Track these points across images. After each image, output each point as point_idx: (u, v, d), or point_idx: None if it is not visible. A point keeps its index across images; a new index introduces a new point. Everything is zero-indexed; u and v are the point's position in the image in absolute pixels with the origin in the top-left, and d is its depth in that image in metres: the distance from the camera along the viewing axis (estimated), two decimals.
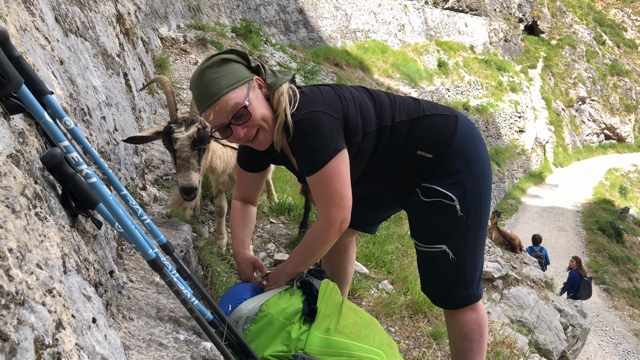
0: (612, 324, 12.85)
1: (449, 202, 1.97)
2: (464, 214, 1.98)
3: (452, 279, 2.09)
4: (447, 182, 1.97)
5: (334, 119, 1.82)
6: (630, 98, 36.15)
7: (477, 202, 2.00)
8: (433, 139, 1.96)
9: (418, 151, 1.96)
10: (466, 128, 2.03)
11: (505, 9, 35.54)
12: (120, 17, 4.47)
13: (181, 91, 6.35)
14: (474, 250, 2.06)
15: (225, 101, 1.75)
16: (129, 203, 1.56)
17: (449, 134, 1.97)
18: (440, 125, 1.98)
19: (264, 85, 1.87)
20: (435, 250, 2.05)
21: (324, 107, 1.83)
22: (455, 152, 1.97)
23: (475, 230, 2.04)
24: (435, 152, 1.96)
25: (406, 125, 1.97)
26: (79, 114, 2.20)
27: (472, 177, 1.98)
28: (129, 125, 3.35)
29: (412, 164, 1.99)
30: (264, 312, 1.94)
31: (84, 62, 2.76)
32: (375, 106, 1.97)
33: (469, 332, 2.15)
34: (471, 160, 1.99)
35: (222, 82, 1.75)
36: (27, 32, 1.69)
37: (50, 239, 1.12)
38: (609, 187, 26.47)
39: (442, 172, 1.97)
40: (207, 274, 2.73)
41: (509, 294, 7.60)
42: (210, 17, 12.04)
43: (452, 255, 2.02)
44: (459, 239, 2.02)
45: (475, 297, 2.12)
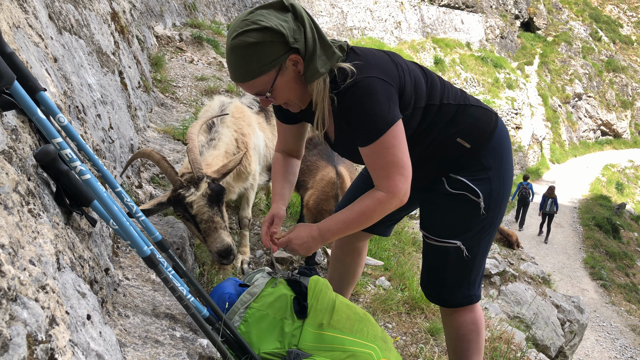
0: (609, 320, 12.89)
1: (474, 197, 1.92)
2: (485, 212, 1.93)
3: (459, 277, 2.04)
4: (476, 177, 1.92)
5: (391, 86, 1.70)
6: (627, 94, 36.21)
7: (499, 202, 1.97)
8: (475, 129, 1.91)
9: (458, 138, 1.90)
10: (503, 128, 2.00)
11: (501, 6, 35.55)
12: (115, 15, 4.46)
13: (177, 89, 6.33)
14: (485, 250, 2.03)
15: (249, 86, 1.70)
16: (123, 200, 1.56)
17: (490, 128, 1.94)
18: (484, 118, 1.94)
19: (300, 60, 1.69)
20: (448, 245, 1.98)
21: (381, 73, 1.70)
22: (492, 147, 1.93)
23: (490, 230, 2.00)
24: (474, 142, 1.90)
25: (452, 109, 1.90)
26: (73, 111, 2.19)
27: (500, 176, 1.95)
28: (125, 123, 3.34)
29: (448, 150, 1.92)
30: (253, 309, 1.93)
31: (79, 60, 2.75)
32: (427, 82, 1.88)
33: (466, 333, 2.13)
34: (503, 159, 1.96)
35: (249, 67, 1.63)
36: (20, 29, 1.68)
37: (43, 235, 1.11)
38: (606, 183, 26.51)
39: (474, 165, 1.92)
40: (204, 271, 2.73)
41: (506, 290, 7.61)
42: (206, 15, 12.01)
43: (466, 252, 1.97)
44: (475, 236, 1.97)
45: (476, 297, 2.09)
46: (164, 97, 5.86)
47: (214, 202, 2.27)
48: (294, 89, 1.75)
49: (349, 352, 1.91)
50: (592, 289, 14.50)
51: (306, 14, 1.68)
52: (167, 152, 3.93)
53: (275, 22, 1.59)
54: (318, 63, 1.66)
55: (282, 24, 1.60)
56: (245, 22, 1.60)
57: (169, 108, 5.55)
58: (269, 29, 1.58)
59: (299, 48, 1.65)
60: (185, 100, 6.05)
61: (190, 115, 5.29)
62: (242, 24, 1.60)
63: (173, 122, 5.00)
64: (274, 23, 1.59)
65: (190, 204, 2.20)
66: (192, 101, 6.10)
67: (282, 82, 1.70)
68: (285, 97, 1.77)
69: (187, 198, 2.21)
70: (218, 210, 2.29)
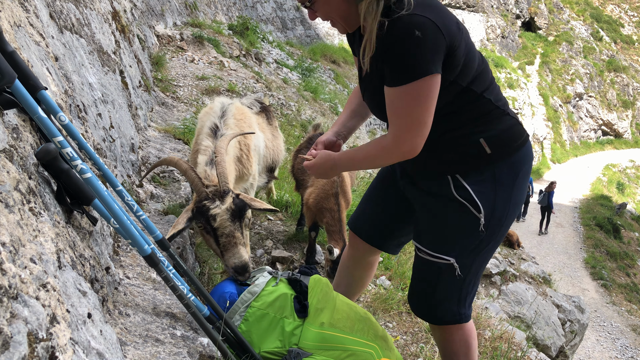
0: (610, 320, 12.88)
1: (475, 211, 1.79)
2: (484, 230, 1.81)
3: (447, 294, 1.93)
4: (482, 188, 1.79)
5: (443, 37, 1.54)
6: (628, 94, 36.19)
7: (501, 223, 1.84)
8: (503, 137, 1.79)
9: (481, 139, 1.77)
10: (530, 152, 1.89)
11: (502, 6, 35.54)
12: (116, 15, 4.46)
13: (178, 89, 6.33)
14: (478, 268, 1.92)
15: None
16: (124, 199, 1.56)
17: (518, 143, 1.82)
18: (515, 131, 1.82)
19: None
20: (440, 261, 1.87)
21: (438, 19, 1.55)
22: (511, 163, 1.81)
23: (486, 250, 1.88)
24: (496, 150, 1.78)
25: (490, 107, 1.77)
26: (74, 110, 2.19)
27: (508, 196, 1.82)
28: (125, 122, 3.34)
29: (467, 146, 1.79)
30: (254, 308, 1.93)
31: (80, 59, 2.75)
32: (479, 66, 1.73)
33: (455, 349, 2.05)
34: (517, 180, 1.83)
35: None
36: (22, 28, 1.69)
37: (44, 234, 1.11)
38: (607, 183, 26.51)
39: (486, 174, 1.80)
40: (205, 270, 2.73)
41: (507, 290, 7.61)
42: (207, 14, 12.01)
43: (458, 270, 1.85)
44: (470, 254, 1.86)
45: (465, 317, 1.97)
46: (165, 96, 5.87)
47: (236, 217, 2.25)
48: (337, 6, 1.64)
49: (350, 351, 1.91)
50: (593, 288, 14.50)
51: None
52: (168, 152, 3.93)
53: None
54: None
55: None
56: None
57: (170, 107, 5.55)
58: None
59: None
60: (186, 100, 6.06)
61: (191, 115, 5.30)
62: None
63: (174, 122, 5.00)
64: None
65: (213, 217, 2.19)
66: (193, 100, 6.10)
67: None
68: (326, 12, 1.67)
69: (211, 210, 2.20)
70: (239, 226, 2.27)
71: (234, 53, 9.12)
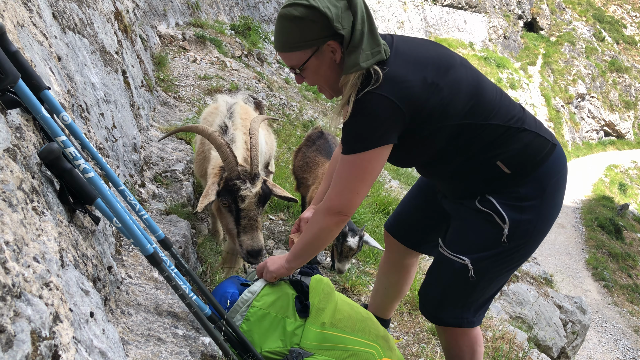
0: (611, 321, 12.87)
1: (499, 221, 1.79)
2: (507, 241, 1.80)
3: (456, 295, 1.94)
4: (509, 203, 1.79)
5: (399, 110, 1.63)
6: (630, 95, 36.14)
7: (527, 236, 1.82)
8: (521, 155, 1.77)
9: (498, 161, 1.77)
10: (559, 161, 1.84)
11: (504, 6, 35.50)
12: (119, 15, 4.47)
13: (180, 89, 6.34)
14: (494, 278, 1.90)
15: (285, 57, 1.72)
16: (127, 198, 1.56)
17: (540, 157, 1.79)
18: (535, 145, 1.79)
19: (339, 50, 1.67)
20: (456, 259, 1.88)
21: (394, 93, 1.62)
22: (536, 178, 1.79)
23: (507, 261, 1.86)
24: (516, 169, 1.77)
25: (499, 131, 1.76)
26: (77, 110, 2.20)
27: (536, 211, 1.80)
28: (128, 122, 3.35)
29: (485, 171, 1.81)
30: (255, 307, 1.93)
31: (82, 59, 2.76)
32: (471, 99, 1.73)
33: (459, 354, 2.06)
34: (545, 194, 1.80)
35: (288, 39, 1.66)
36: (25, 28, 1.69)
37: (47, 233, 1.12)
38: (609, 183, 26.47)
39: (509, 191, 1.80)
40: (206, 270, 2.73)
41: (508, 291, 7.60)
42: (209, 14, 12.02)
43: (472, 273, 1.85)
44: (487, 260, 1.85)
45: (468, 322, 1.97)
46: (167, 96, 5.88)
47: (260, 202, 2.28)
48: (325, 75, 1.74)
49: (351, 351, 1.91)
50: (595, 289, 14.49)
51: (362, 6, 1.65)
52: (170, 151, 3.94)
53: (324, 4, 1.59)
54: (361, 57, 1.63)
55: (331, 7, 1.60)
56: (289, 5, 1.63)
57: (172, 107, 5.56)
58: (315, 8, 1.58)
59: (344, 36, 1.63)
60: (188, 100, 6.06)
61: (193, 115, 5.30)
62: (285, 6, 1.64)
63: (176, 121, 5.01)
64: (323, 5, 1.59)
65: (242, 198, 2.20)
66: (195, 100, 6.11)
67: (315, 64, 1.70)
68: (315, 80, 1.78)
69: (242, 191, 2.20)
70: (261, 211, 2.30)
71: (236, 53, 9.13)
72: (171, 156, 3.81)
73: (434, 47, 1.81)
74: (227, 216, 2.29)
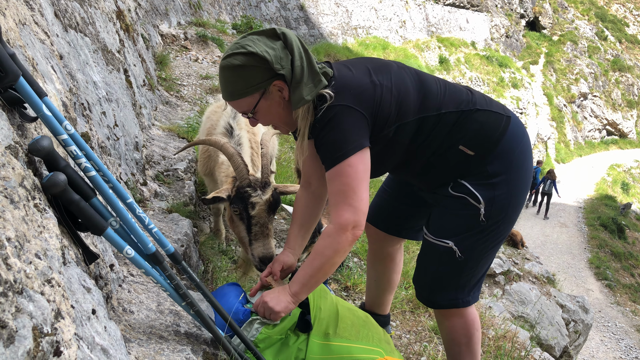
0: (614, 320, 12.84)
1: (474, 202, 1.85)
2: (485, 219, 1.86)
3: (446, 278, 2.00)
4: (479, 182, 1.85)
5: (360, 114, 1.71)
6: (632, 94, 36.04)
7: (504, 211, 1.88)
8: (479, 135, 1.84)
9: (460, 146, 1.84)
10: (517, 131, 1.90)
11: (506, 5, 35.45)
12: (121, 14, 4.47)
13: (182, 88, 6.35)
14: (481, 256, 1.96)
15: (235, 105, 1.79)
16: (135, 212, 1.54)
17: (498, 133, 1.84)
18: (491, 122, 1.85)
19: (285, 87, 1.74)
20: (440, 243, 1.94)
21: (351, 100, 1.71)
22: (499, 153, 1.85)
23: (490, 238, 1.92)
24: (478, 149, 1.84)
25: (453, 117, 1.83)
26: (79, 108, 2.20)
27: (507, 184, 1.86)
28: (130, 121, 3.35)
29: (451, 157, 1.87)
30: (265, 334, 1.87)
31: (84, 58, 2.76)
32: (419, 95, 1.82)
33: (455, 337, 2.10)
34: (512, 166, 1.86)
35: (234, 88, 1.73)
36: (26, 27, 1.70)
37: (49, 230, 1.12)
38: (611, 183, 26.41)
39: (478, 171, 1.86)
40: (208, 268, 2.74)
41: (510, 290, 7.60)
42: (211, 13, 12.03)
43: (459, 253, 1.91)
44: (470, 239, 1.91)
45: (463, 302, 2.02)
46: (169, 95, 5.88)
47: (271, 210, 2.31)
48: (277, 113, 1.81)
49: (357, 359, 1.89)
50: (597, 289, 14.45)
51: (298, 43, 1.72)
52: (171, 150, 3.94)
53: (261, 48, 1.66)
54: (304, 90, 1.70)
55: (269, 50, 1.67)
56: (236, 46, 1.69)
57: (174, 106, 5.57)
58: (254, 54, 1.66)
59: (285, 75, 1.70)
60: (190, 99, 6.07)
61: (195, 114, 5.30)
62: (233, 46, 1.70)
63: (178, 121, 5.01)
64: (260, 49, 1.67)
65: (252, 205, 2.25)
66: (197, 99, 6.11)
67: (266, 105, 1.77)
68: (268, 120, 1.84)
69: (252, 198, 2.26)
70: (272, 219, 2.33)
71: None
72: (173, 155, 3.81)
73: (368, 59, 1.92)
74: (239, 224, 2.33)
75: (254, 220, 2.26)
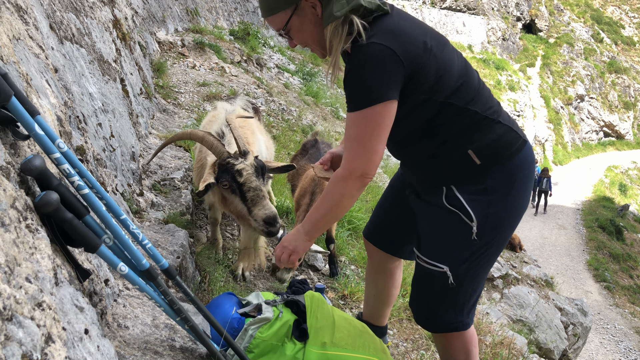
0: (613, 322, 12.83)
1: (467, 220, 1.78)
2: (477, 238, 1.79)
3: (444, 302, 1.93)
4: (475, 197, 1.78)
5: (401, 64, 1.60)
6: (629, 95, 36.14)
7: (497, 230, 1.82)
8: (492, 146, 1.77)
9: (470, 150, 1.76)
10: (528, 156, 1.84)
11: (503, 8, 35.56)
12: (117, 22, 4.47)
13: (179, 95, 6.35)
14: (475, 277, 1.89)
15: (270, 21, 1.77)
16: (129, 228, 1.54)
17: (511, 151, 1.79)
18: (508, 138, 1.79)
19: (319, 4, 1.68)
20: (435, 268, 1.87)
21: (397, 46, 1.60)
22: (504, 170, 1.78)
23: (483, 257, 1.86)
24: (487, 160, 1.77)
25: (476, 118, 1.76)
26: (74, 121, 2.20)
27: (504, 203, 1.79)
28: (126, 131, 3.35)
29: (456, 158, 1.79)
30: (258, 339, 1.88)
31: (80, 69, 2.76)
32: (458, 79, 1.74)
33: (454, 355, 2.05)
34: (514, 188, 1.79)
35: (267, 3, 1.72)
36: (21, 41, 1.69)
37: (41, 251, 1.12)
38: (609, 184, 26.45)
39: (477, 182, 1.79)
40: (205, 279, 2.73)
41: (509, 294, 7.59)
42: (208, 20, 12.04)
43: (452, 279, 1.85)
44: (464, 263, 1.84)
45: (463, 325, 1.96)
46: (166, 103, 5.88)
47: (259, 173, 2.33)
48: (309, 31, 1.76)
49: None
50: (596, 291, 14.46)
51: None
52: (168, 159, 3.94)
53: None
54: (335, 6, 1.63)
55: None
56: None
57: (171, 114, 5.57)
58: None
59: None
60: (187, 106, 6.07)
61: (192, 122, 5.30)
62: None
63: (175, 128, 5.01)
64: None
65: (239, 172, 2.27)
66: (194, 107, 6.11)
67: (297, 22, 1.73)
68: (301, 38, 1.80)
69: (236, 166, 2.28)
70: (263, 182, 2.34)
71: (235, 59, 9.14)
72: (170, 164, 3.81)
73: (429, 26, 1.82)
74: (233, 198, 2.33)
75: (245, 186, 2.26)
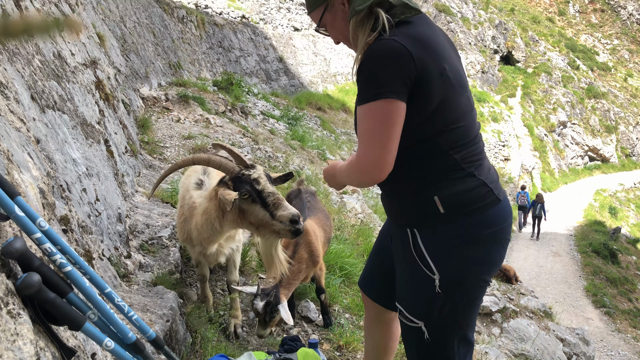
0: (617, 348, 12.67)
1: (429, 273, 1.74)
2: (440, 291, 1.74)
3: (433, 354, 1.86)
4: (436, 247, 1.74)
5: (412, 61, 1.57)
6: (609, 119, 36.85)
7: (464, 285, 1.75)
8: (458, 198, 1.71)
9: (436, 196, 1.71)
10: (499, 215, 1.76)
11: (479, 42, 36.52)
12: (100, 83, 4.53)
13: (165, 150, 6.38)
14: (453, 332, 1.82)
15: (312, 17, 1.88)
16: (114, 301, 1.53)
17: (478, 206, 1.72)
18: (477, 193, 1.72)
19: (347, 1, 1.73)
20: (412, 324, 1.84)
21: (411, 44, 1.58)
22: (469, 225, 1.72)
23: (453, 312, 1.79)
24: (449, 211, 1.71)
25: (449, 165, 1.71)
26: (57, 191, 2.21)
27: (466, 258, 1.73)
28: (111, 192, 3.35)
29: (422, 199, 1.74)
30: None
31: (62, 136, 2.78)
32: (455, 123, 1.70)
33: None
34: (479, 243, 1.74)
35: (307, 2, 1.84)
36: (2, 117, 1.72)
37: (23, 337, 1.10)
38: (599, 208, 26.60)
39: (440, 233, 1.74)
40: (196, 339, 2.69)
41: (508, 327, 7.51)
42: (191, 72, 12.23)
43: (427, 334, 1.80)
44: (437, 319, 1.79)
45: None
46: (152, 158, 5.91)
47: (271, 181, 2.44)
48: (340, 28, 1.82)
49: None
50: (597, 317, 14.33)
51: None
52: (155, 217, 3.93)
53: None
54: (357, 0, 1.67)
55: None
56: None
57: (157, 169, 5.58)
58: None
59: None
60: (173, 160, 6.10)
61: (179, 176, 5.32)
62: None
63: (161, 184, 5.02)
64: None
65: (256, 180, 2.36)
66: None
67: (330, 18, 1.81)
68: (335, 34, 1.87)
69: (252, 175, 2.37)
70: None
71: (219, 109, 9.26)
72: (157, 222, 3.80)
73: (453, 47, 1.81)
74: (253, 208, 2.38)
75: (265, 192, 2.35)
